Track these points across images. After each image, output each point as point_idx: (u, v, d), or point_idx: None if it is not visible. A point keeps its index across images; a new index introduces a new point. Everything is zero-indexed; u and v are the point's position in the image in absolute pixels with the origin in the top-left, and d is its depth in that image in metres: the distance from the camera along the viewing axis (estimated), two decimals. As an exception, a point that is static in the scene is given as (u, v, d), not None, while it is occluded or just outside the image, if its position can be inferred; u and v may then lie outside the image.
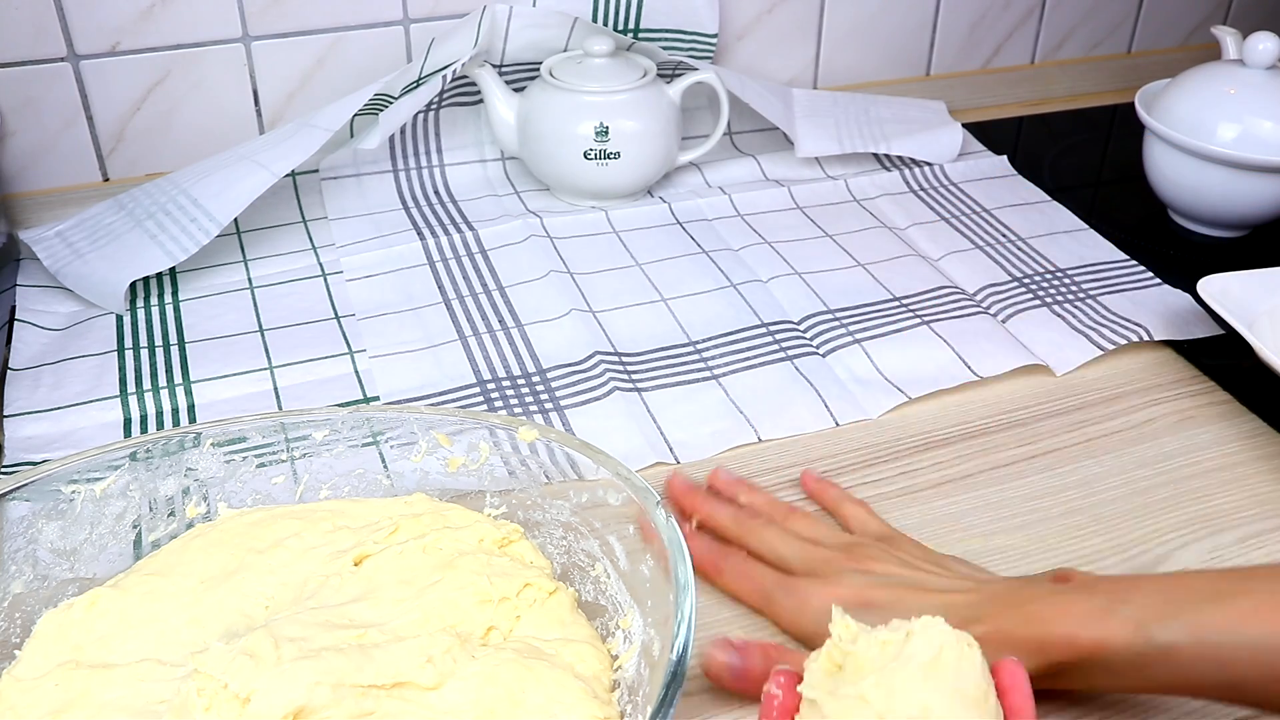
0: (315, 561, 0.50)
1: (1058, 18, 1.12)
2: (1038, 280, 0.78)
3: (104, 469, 0.51)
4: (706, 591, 0.53)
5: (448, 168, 0.89)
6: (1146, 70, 1.09)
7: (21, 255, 0.78)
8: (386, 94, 0.81)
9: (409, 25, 0.90)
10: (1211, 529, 0.58)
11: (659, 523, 0.46)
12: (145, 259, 0.73)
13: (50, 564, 0.50)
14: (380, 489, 0.55)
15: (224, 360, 0.69)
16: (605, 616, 0.49)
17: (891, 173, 0.92)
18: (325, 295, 0.75)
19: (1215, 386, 0.69)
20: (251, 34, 0.87)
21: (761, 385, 0.68)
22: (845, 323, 0.73)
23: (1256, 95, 0.80)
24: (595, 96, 0.82)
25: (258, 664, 0.43)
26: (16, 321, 0.71)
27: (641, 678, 0.44)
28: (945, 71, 1.11)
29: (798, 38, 1.03)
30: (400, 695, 0.43)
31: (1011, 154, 0.95)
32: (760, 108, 0.89)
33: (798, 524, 0.54)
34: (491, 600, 0.47)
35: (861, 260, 0.80)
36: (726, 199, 0.87)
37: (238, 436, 0.54)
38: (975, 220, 0.86)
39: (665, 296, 0.76)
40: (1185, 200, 0.84)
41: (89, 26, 0.82)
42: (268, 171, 0.75)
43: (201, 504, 0.53)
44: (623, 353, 0.70)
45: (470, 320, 0.73)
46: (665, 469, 0.61)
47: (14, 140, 0.84)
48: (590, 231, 0.83)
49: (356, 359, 0.69)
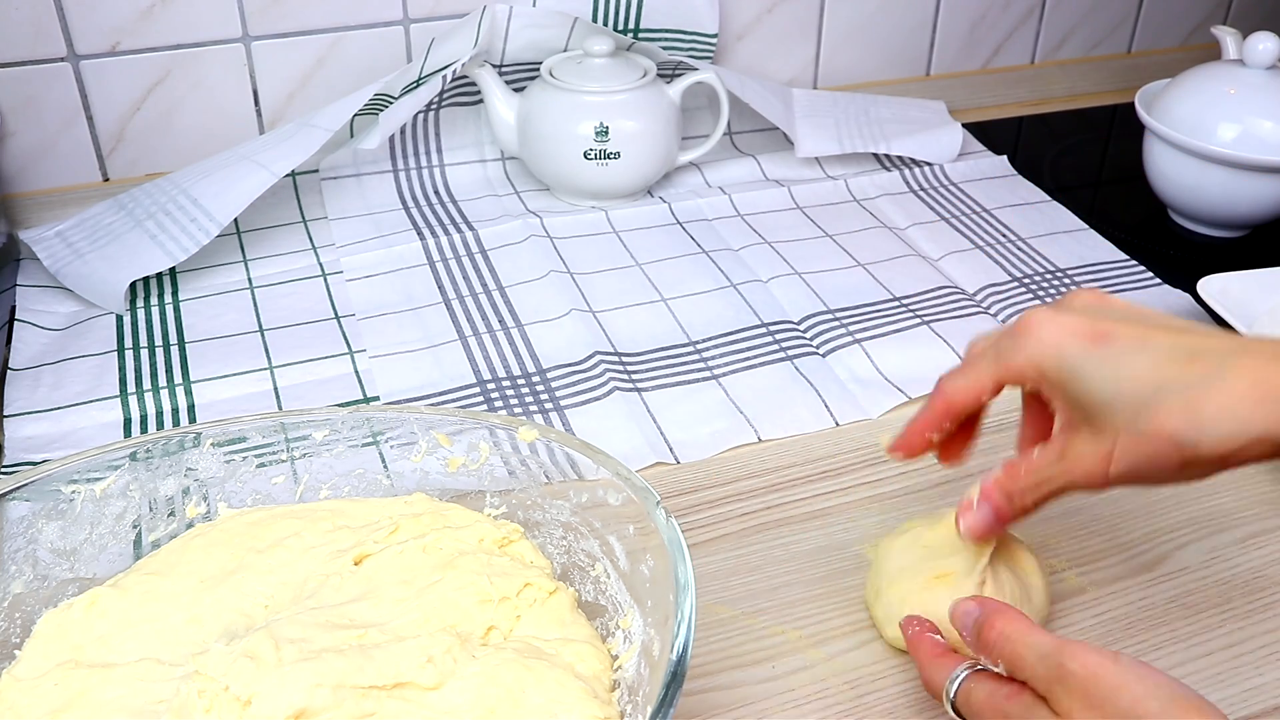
0: (315, 561, 0.50)
1: (1058, 18, 1.12)
2: (1038, 280, 0.78)
3: (104, 469, 0.51)
4: (706, 592, 0.53)
5: (448, 168, 0.89)
6: (1146, 70, 1.09)
7: (21, 255, 0.78)
8: (386, 94, 0.81)
9: (409, 25, 0.90)
10: (1211, 529, 0.58)
11: (659, 523, 0.46)
12: (145, 259, 0.73)
13: (50, 564, 0.50)
14: (380, 489, 0.55)
15: (224, 360, 0.69)
16: (605, 616, 0.49)
17: (891, 173, 0.92)
18: (325, 295, 0.75)
19: (1215, 386, 0.69)
20: (251, 34, 0.87)
21: (761, 385, 0.68)
22: (845, 323, 0.73)
23: (1256, 95, 0.80)
24: (595, 96, 0.82)
25: (258, 666, 0.43)
26: (16, 321, 0.71)
27: (641, 678, 0.44)
28: (945, 71, 1.11)
29: (798, 38, 1.03)
30: (401, 696, 0.43)
31: (1011, 154, 0.95)
32: (760, 108, 0.89)
33: None
34: (492, 600, 0.47)
35: (861, 260, 0.80)
36: (726, 199, 0.87)
37: (238, 436, 0.54)
38: (975, 220, 0.86)
39: (665, 296, 0.76)
40: (1185, 200, 0.84)
41: (89, 26, 0.82)
42: (268, 171, 0.75)
43: (201, 504, 0.53)
44: (623, 353, 0.70)
45: (470, 320, 0.73)
46: (665, 469, 0.61)
47: (14, 140, 0.84)
48: (590, 231, 0.83)
49: (356, 359, 0.69)
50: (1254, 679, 0.50)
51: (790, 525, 0.58)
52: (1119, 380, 0.42)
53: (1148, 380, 0.41)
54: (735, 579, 0.54)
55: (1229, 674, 0.50)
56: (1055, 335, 0.43)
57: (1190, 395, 0.40)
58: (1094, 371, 0.42)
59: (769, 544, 0.57)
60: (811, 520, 0.58)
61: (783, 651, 0.51)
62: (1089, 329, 0.43)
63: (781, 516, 0.59)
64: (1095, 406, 0.42)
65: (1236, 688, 0.49)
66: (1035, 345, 0.44)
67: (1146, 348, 0.42)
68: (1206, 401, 0.40)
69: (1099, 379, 0.42)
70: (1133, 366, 0.41)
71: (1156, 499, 0.60)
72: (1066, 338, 0.43)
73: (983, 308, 0.75)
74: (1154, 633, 0.52)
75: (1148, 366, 0.41)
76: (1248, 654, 0.51)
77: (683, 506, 0.59)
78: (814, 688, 0.49)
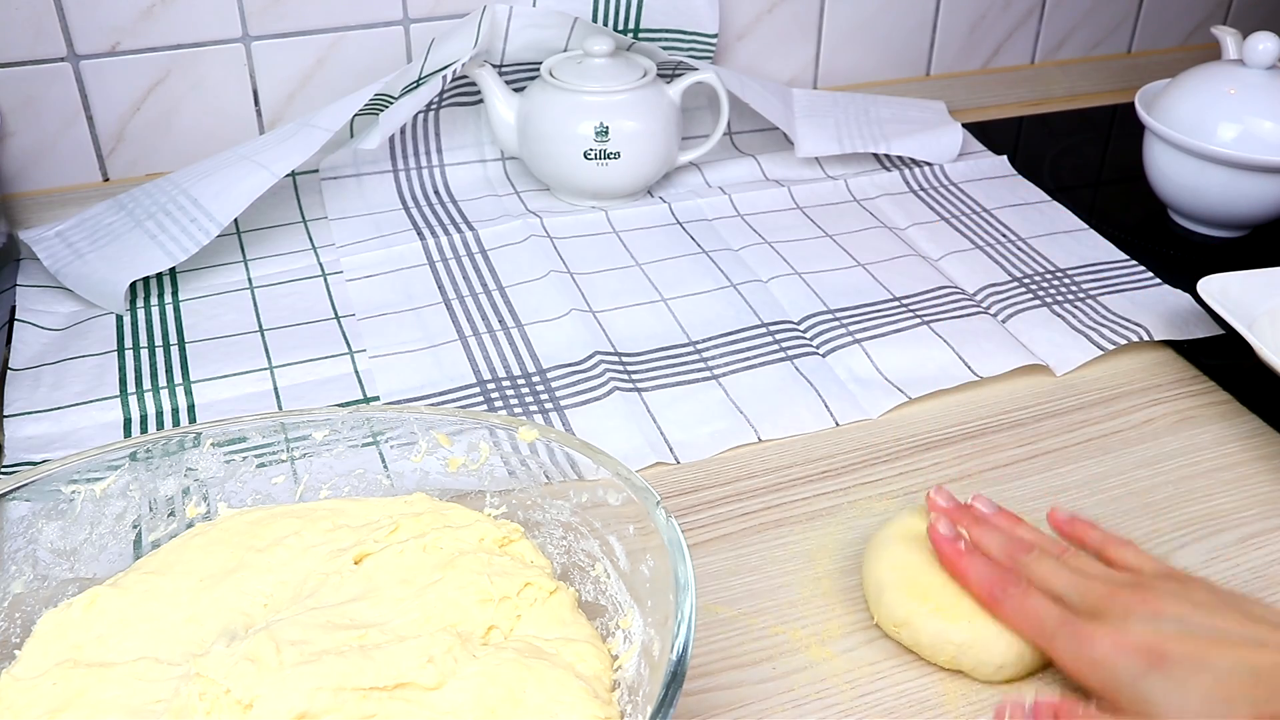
0: (315, 560, 0.50)
1: (1058, 18, 1.12)
2: (1038, 280, 0.78)
3: (104, 469, 0.51)
4: (706, 592, 0.53)
5: (448, 168, 0.89)
6: (1146, 70, 1.10)
7: (21, 255, 0.78)
8: (386, 94, 0.81)
9: (409, 25, 0.90)
10: (1212, 529, 0.58)
11: (659, 523, 0.46)
12: (145, 259, 0.73)
13: (50, 564, 0.49)
14: (380, 489, 0.55)
15: (224, 360, 0.69)
16: (605, 616, 0.49)
17: (891, 173, 0.92)
18: (325, 295, 0.75)
19: (1215, 386, 0.69)
20: (251, 34, 0.87)
21: (761, 385, 0.68)
22: (845, 323, 0.73)
23: (1256, 95, 0.80)
24: (595, 96, 0.82)
25: (259, 669, 0.43)
26: (16, 321, 0.71)
27: (641, 678, 0.44)
28: (945, 71, 1.11)
29: (798, 38, 1.03)
30: (402, 696, 0.43)
31: (1011, 154, 0.95)
32: (760, 108, 0.89)
33: (1074, 559, 0.50)
34: (492, 599, 0.47)
35: (861, 260, 0.80)
36: (726, 199, 0.87)
37: (238, 436, 0.54)
38: (975, 220, 0.86)
39: (665, 296, 0.76)
40: (1185, 200, 0.84)
41: (89, 26, 0.82)
42: (268, 172, 0.75)
43: (201, 504, 0.53)
44: (623, 353, 0.70)
45: (470, 320, 0.73)
46: (665, 469, 0.61)
47: (14, 140, 0.84)
48: (590, 231, 0.83)
49: (356, 359, 0.69)
50: (1254, 679, 0.49)
51: (790, 525, 0.58)
52: (1184, 704, 0.42)
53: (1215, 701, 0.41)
54: (735, 579, 0.55)
55: (1229, 674, 0.50)
56: (1110, 653, 0.44)
57: None
58: (1151, 693, 0.43)
59: (769, 544, 0.57)
60: (811, 520, 0.58)
61: (783, 651, 0.51)
62: (1145, 646, 0.43)
63: (781, 516, 0.59)
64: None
65: (1236, 688, 0.49)
66: (1088, 659, 0.45)
67: (1206, 668, 0.42)
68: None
69: (1159, 701, 0.42)
70: (1195, 689, 0.42)
71: (1156, 499, 0.60)
72: (1122, 656, 0.44)
73: (983, 308, 0.75)
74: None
75: (1209, 688, 0.42)
76: (1248, 654, 0.51)
77: (683, 506, 0.59)
78: (814, 688, 0.49)
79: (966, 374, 0.69)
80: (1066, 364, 0.70)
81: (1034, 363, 0.70)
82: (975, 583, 0.49)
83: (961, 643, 0.49)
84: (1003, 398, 0.68)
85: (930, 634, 0.49)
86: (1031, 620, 0.47)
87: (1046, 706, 0.44)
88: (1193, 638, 0.43)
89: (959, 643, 0.49)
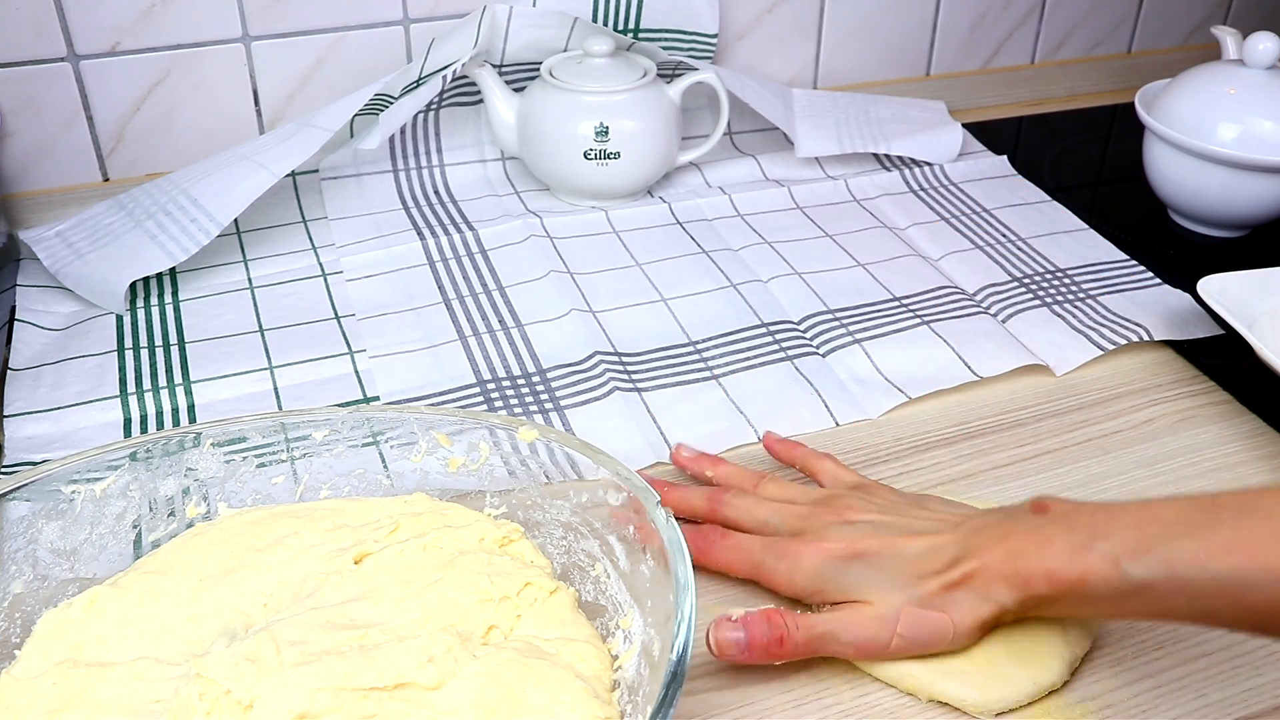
0: (315, 560, 0.50)
1: (1058, 18, 1.12)
2: (1038, 280, 0.78)
3: (104, 469, 0.51)
4: (706, 592, 0.53)
5: (448, 168, 0.89)
6: (1146, 70, 1.09)
7: (21, 255, 0.78)
8: (386, 94, 0.81)
9: (409, 25, 0.90)
10: (1211, 529, 0.58)
11: (659, 523, 0.46)
12: (145, 259, 0.73)
13: (50, 564, 0.50)
14: (380, 489, 0.55)
15: (224, 360, 0.69)
16: (605, 616, 0.49)
17: (891, 173, 0.92)
18: (325, 295, 0.75)
19: (1215, 386, 0.69)
20: (251, 34, 0.87)
21: (761, 385, 0.68)
22: (845, 323, 0.73)
23: (1256, 95, 0.80)
24: (595, 96, 0.82)
25: (259, 669, 0.43)
26: (16, 321, 0.71)
27: (641, 678, 0.44)
28: (945, 71, 1.11)
29: (798, 38, 1.03)
30: (402, 696, 0.43)
31: (1011, 154, 0.95)
32: (760, 108, 0.89)
33: (769, 488, 0.55)
34: (492, 599, 0.47)
35: (861, 260, 0.80)
36: (726, 199, 0.87)
37: (238, 436, 0.54)
38: (975, 220, 0.86)
39: (665, 296, 0.76)
40: (1185, 200, 0.84)
41: (89, 26, 0.82)
42: (268, 172, 0.75)
43: (201, 504, 0.53)
44: (623, 353, 0.70)
45: (470, 320, 0.73)
46: (665, 469, 0.61)
47: (14, 140, 0.84)
48: (590, 231, 0.83)
49: (356, 359, 0.69)
50: (1254, 679, 0.50)
51: (790, 525, 0.58)
52: (883, 580, 0.48)
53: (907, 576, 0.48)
54: (735, 579, 0.54)
55: (1229, 674, 0.50)
56: (816, 560, 0.50)
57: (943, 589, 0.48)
58: (855, 581, 0.49)
59: (769, 544, 0.57)
60: (811, 520, 0.58)
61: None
62: (844, 550, 0.49)
63: (781, 516, 0.58)
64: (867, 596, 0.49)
65: (1236, 688, 0.49)
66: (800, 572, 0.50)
67: (897, 554, 0.48)
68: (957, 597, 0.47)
69: (864, 585, 0.49)
70: (891, 569, 0.48)
71: (1155, 499, 0.60)
72: (827, 560, 0.49)
73: (983, 308, 0.75)
74: (1154, 632, 0.52)
75: (901, 568, 0.48)
76: (1247, 654, 0.51)
77: (683, 506, 0.59)
78: (814, 688, 0.49)
79: (966, 374, 0.69)
80: (1066, 364, 0.70)
81: (1034, 363, 0.70)
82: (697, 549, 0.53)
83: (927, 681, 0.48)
84: (1003, 398, 0.68)
85: (888, 675, 0.49)
86: (740, 555, 0.52)
87: (758, 614, 0.48)
88: (883, 533, 0.49)
89: (923, 681, 0.48)
